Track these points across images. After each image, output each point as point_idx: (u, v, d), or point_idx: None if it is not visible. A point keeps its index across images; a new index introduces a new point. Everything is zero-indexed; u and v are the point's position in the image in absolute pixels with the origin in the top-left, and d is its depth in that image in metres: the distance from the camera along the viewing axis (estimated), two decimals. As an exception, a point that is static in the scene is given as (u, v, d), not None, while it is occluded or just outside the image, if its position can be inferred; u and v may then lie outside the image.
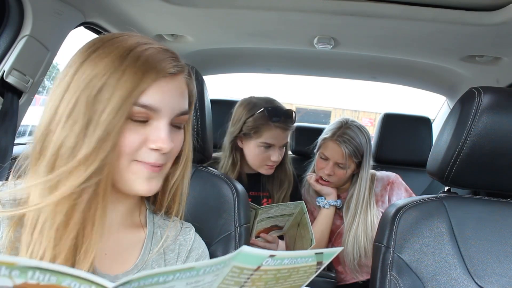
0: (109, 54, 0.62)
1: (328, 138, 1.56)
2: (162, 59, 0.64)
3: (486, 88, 0.95)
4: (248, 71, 2.53)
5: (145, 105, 0.62)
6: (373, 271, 1.00)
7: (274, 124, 1.43)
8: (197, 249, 0.80)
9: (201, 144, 1.01)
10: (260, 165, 1.48)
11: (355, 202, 1.55)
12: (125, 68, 0.60)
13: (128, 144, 0.62)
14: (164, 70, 0.63)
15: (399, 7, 1.31)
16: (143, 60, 0.61)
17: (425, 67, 1.91)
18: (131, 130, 0.62)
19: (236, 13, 1.48)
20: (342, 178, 1.57)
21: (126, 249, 0.72)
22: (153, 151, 0.64)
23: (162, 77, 0.63)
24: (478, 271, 0.93)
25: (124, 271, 0.70)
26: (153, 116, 0.63)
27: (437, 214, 0.99)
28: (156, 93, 0.62)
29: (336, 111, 21.81)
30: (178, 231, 0.79)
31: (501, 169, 0.95)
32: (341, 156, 1.53)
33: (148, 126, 0.64)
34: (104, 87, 0.60)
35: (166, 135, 0.64)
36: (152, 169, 0.65)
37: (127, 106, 0.60)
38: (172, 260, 0.76)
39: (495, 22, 1.28)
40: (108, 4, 1.38)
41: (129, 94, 0.60)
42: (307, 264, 0.44)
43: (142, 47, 0.63)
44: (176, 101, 0.66)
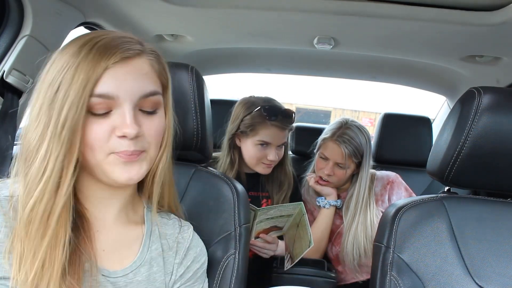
0: (70, 50, 0.62)
1: (328, 138, 1.56)
2: (114, 45, 0.62)
3: (486, 88, 0.95)
4: (248, 71, 2.52)
5: (101, 95, 0.61)
6: (373, 271, 1.00)
7: (270, 123, 1.43)
8: (195, 247, 0.80)
9: (201, 144, 1.01)
10: (257, 164, 1.47)
11: (355, 201, 1.55)
12: (79, 62, 0.60)
13: (96, 138, 0.62)
14: (115, 56, 0.62)
15: (399, 7, 1.31)
16: (94, 51, 0.61)
17: (425, 67, 1.91)
18: (95, 123, 0.62)
19: (236, 13, 1.48)
20: (342, 178, 1.57)
21: (124, 246, 0.72)
22: (122, 139, 0.63)
23: (115, 63, 0.62)
24: (478, 271, 0.93)
25: (123, 268, 0.70)
26: (114, 105, 0.63)
27: (437, 214, 0.99)
28: (110, 80, 0.61)
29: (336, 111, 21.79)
30: (177, 229, 0.79)
31: (501, 169, 0.95)
32: (341, 156, 1.53)
33: (112, 116, 0.63)
34: (61, 84, 0.60)
35: (130, 120, 0.62)
36: (128, 158, 0.64)
37: (83, 99, 0.60)
38: (171, 258, 0.76)
39: (495, 22, 1.28)
40: (108, 4, 1.38)
41: (84, 87, 0.59)
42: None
43: (97, 39, 0.62)
44: (136, 84, 0.64)
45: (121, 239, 0.72)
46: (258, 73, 2.60)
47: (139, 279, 0.71)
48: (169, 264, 0.76)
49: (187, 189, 1.00)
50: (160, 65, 0.70)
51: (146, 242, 0.74)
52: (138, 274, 0.71)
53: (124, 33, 0.67)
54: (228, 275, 0.92)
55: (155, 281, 0.73)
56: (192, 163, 1.06)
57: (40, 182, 0.60)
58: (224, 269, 0.92)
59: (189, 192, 1.00)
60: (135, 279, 0.71)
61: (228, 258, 0.94)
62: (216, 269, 0.92)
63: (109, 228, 0.72)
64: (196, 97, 0.98)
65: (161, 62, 0.70)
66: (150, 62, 0.67)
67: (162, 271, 0.74)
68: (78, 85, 0.59)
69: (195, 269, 0.79)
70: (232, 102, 1.60)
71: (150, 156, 0.68)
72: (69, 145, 0.60)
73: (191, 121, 0.97)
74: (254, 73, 2.60)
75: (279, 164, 1.55)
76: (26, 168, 0.61)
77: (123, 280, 0.70)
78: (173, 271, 0.76)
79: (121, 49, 0.63)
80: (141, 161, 0.66)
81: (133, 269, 0.71)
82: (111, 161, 0.64)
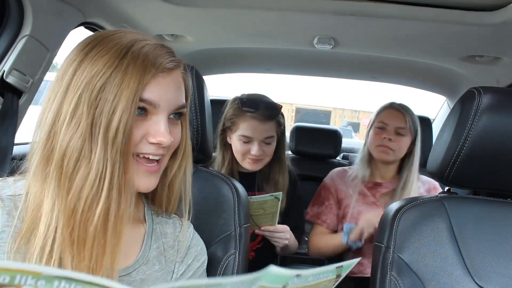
0: (107, 52, 0.62)
1: (386, 107, 1.61)
2: (160, 55, 0.65)
3: (486, 88, 0.95)
4: (248, 71, 2.53)
5: (145, 100, 0.63)
6: (373, 271, 1.00)
7: (249, 115, 1.39)
8: (195, 246, 0.80)
9: (201, 144, 1.01)
10: (243, 159, 1.44)
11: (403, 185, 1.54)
12: (126, 66, 0.61)
13: (132, 139, 0.63)
14: (161, 66, 0.64)
15: (399, 7, 1.31)
16: (142, 57, 0.62)
17: (425, 67, 1.91)
18: (137, 119, 0.63)
19: (236, 13, 1.48)
20: (402, 149, 1.56)
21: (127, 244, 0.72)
22: (152, 145, 0.65)
23: (160, 73, 0.64)
24: (478, 271, 0.93)
25: (125, 266, 0.71)
26: (153, 111, 0.64)
27: (437, 214, 0.99)
28: (155, 88, 0.63)
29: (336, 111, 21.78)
30: (177, 228, 0.79)
31: (501, 169, 0.95)
32: (401, 119, 1.55)
33: (148, 121, 0.65)
34: (106, 86, 0.60)
35: (166, 129, 0.65)
36: (150, 169, 0.66)
37: (135, 103, 0.61)
38: (172, 256, 0.76)
39: (495, 22, 1.28)
40: (108, 4, 1.38)
41: (135, 92, 0.61)
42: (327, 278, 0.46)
43: (140, 44, 0.64)
44: (174, 95, 0.67)
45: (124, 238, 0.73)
46: (258, 73, 2.60)
47: (141, 278, 0.71)
48: (171, 263, 0.76)
49: (187, 189, 1.00)
50: (187, 78, 0.73)
51: (148, 240, 0.75)
52: (140, 272, 0.72)
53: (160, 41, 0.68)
54: (228, 275, 0.92)
55: (156, 280, 0.73)
56: (192, 163, 1.06)
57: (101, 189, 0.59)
58: (224, 269, 0.93)
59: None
60: (138, 278, 0.71)
61: (228, 258, 0.94)
62: (216, 269, 0.92)
63: None
64: (196, 97, 0.98)
65: (187, 74, 0.73)
66: (183, 75, 0.70)
67: (164, 270, 0.75)
68: (130, 89, 0.60)
69: (196, 268, 0.79)
70: (233, 102, 1.59)
71: (164, 164, 0.71)
72: (125, 151, 0.61)
73: (191, 121, 0.97)
74: (254, 73, 2.60)
75: (275, 163, 1.51)
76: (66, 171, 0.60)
77: (126, 278, 0.70)
78: (174, 269, 0.76)
79: (167, 58, 0.65)
80: (160, 171, 0.69)
81: (135, 268, 0.71)
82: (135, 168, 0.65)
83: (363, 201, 1.61)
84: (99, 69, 0.61)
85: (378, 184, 1.63)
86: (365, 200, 1.61)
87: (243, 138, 1.41)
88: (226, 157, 1.49)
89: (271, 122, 1.41)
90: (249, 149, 1.41)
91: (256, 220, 1.38)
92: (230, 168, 1.49)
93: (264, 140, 1.41)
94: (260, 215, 1.37)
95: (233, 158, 1.49)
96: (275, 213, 1.36)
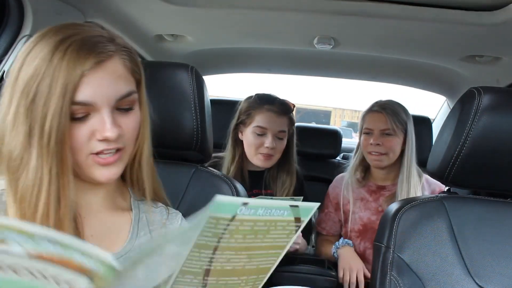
0: (41, 51, 0.60)
1: (367, 112, 1.59)
2: (87, 49, 0.61)
3: (486, 88, 0.95)
4: (248, 71, 2.52)
5: (80, 102, 0.61)
6: (373, 271, 1.00)
7: (266, 107, 1.47)
8: None
9: (201, 144, 1.01)
10: (255, 154, 1.48)
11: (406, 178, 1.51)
12: (54, 69, 0.59)
13: (78, 142, 0.63)
14: (88, 63, 0.61)
15: (399, 7, 1.31)
16: (68, 57, 0.60)
17: (425, 67, 1.91)
18: (75, 128, 0.62)
19: (236, 13, 1.48)
20: (395, 149, 1.52)
21: (113, 232, 0.74)
22: (102, 141, 0.64)
23: (89, 70, 0.61)
24: (478, 271, 0.93)
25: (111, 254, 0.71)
26: (92, 110, 0.63)
27: (437, 214, 0.99)
28: (87, 88, 0.61)
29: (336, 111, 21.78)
30: (164, 216, 0.80)
31: (501, 169, 0.95)
32: (383, 121, 1.52)
33: (91, 119, 0.63)
34: (39, 90, 0.59)
35: (110, 124, 0.63)
36: (106, 161, 0.65)
37: (65, 108, 0.59)
38: None
39: (495, 22, 1.28)
40: (108, 4, 1.38)
41: (63, 96, 0.59)
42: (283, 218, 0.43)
43: (66, 42, 0.61)
44: (112, 88, 0.64)
45: (109, 225, 0.74)
46: (258, 73, 2.59)
47: None
48: None
49: (187, 189, 1.01)
50: (133, 61, 0.69)
51: (135, 228, 0.75)
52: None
53: (95, 29, 0.66)
54: (228, 275, 0.92)
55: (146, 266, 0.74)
56: (192, 163, 1.06)
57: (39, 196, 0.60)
58: (224, 269, 0.92)
59: (189, 192, 1.00)
60: None
61: (228, 258, 0.94)
62: (216, 269, 0.92)
63: (95, 214, 0.73)
64: (196, 97, 0.98)
65: (133, 58, 0.69)
66: (123, 62, 0.66)
67: None
68: (58, 94, 0.59)
69: None
70: (233, 102, 1.60)
71: (128, 153, 0.70)
72: (60, 156, 0.60)
73: (191, 121, 0.97)
74: (254, 73, 2.60)
75: (283, 162, 1.55)
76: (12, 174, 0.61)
77: None
78: None
79: (94, 52, 0.62)
80: (118, 162, 0.68)
81: (122, 255, 0.72)
82: (90, 163, 0.65)
83: (364, 207, 1.59)
84: (34, 71, 0.60)
85: (382, 187, 1.61)
86: (367, 206, 1.59)
87: (257, 130, 1.47)
88: (236, 154, 1.52)
89: (285, 117, 1.50)
90: (262, 142, 1.46)
91: None
92: (240, 165, 1.51)
93: (277, 134, 1.48)
94: None
95: (243, 156, 1.52)
96: None
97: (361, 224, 1.57)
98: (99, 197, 0.74)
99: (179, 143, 0.98)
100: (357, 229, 1.58)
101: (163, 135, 0.98)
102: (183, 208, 0.97)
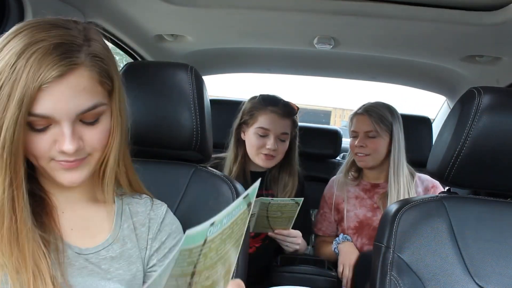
0: (8, 54, 0.58)
1: (353, 114, 1.61)
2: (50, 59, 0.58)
3: (486, 88, 0.95)
4: (248, 71, 2.52)
5: (38, 115, 0.59)
6: (373, 271, 1.00)
7: (270, 109, 1.46)
8: (170, 224, 0.81)
9: (201, 144, 1.01)
10: (256, 154, 1.48)
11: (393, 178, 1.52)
12: (14, 79, 0.57)
13: (38, 150, 0.62)
14: (47, 76, 0.58)
15: (399, 7, 1.31)
16: (28, 68, 0.57)
17: (425, 67, 1.91)
18: (35, 137, 0.62)
19: (236, 13, 1.48)
20: (379, 150, 1.55)
21: (94, 224, 0.74)
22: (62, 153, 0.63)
23: (49, 82, 0.58)
24: (478, 271, 0.93)
25: (95, 245, 0.72)
26: (52, 121, 0.61)
27: (437, 214, 0.99)
28: (45, 100, 0.59)
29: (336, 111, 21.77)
30: (148, 207, 0.80)
31: (501, 169, 0.95)
32: (367, 124, 1.55)
33: (52, 129, 0.62)
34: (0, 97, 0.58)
35: (69, 138, 0.61)
36: (68, 165, 0.64)
37: (21, 119, 0.58)
38: (144, 234, 0.77)
39: (495, 22, 1.28)
40: (108, 4, 1.38)
41: (20, 107, 0.58)
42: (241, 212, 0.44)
43: (30, 50, 0.58)
44: (72, 103, 0.61)
45: (89, 218, 0.74)
46: (258, 73, 2.60)
47: (112, 255, 0.73)
48: (143, 240, 0.77)
49: (186, 189, 1.00)
50: (103, 72, 0.64)
51: (118, 220, 0.76)
52: (110, 250, 0.73)
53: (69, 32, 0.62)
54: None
55: (130, 257, 0.74)
56: (191, 163, 1.06)
57: None
58: (224, 269, 0.92)
59: (188, 192, 1.00)
60: (108, 255, 0.72)
61: (228, 258, 0.93)
62: (216, 269, 0.92)
63: (74, 208, 0.73)
64: (195, 97, 0.98)
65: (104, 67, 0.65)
66: (89, 74, 0.62)
67: (136, 247, 0.76)
68: (15, 105, 0.57)
69: (171, 246, 0.79)
70: (233, 102, 1.60)
71: (95, 158, 0.68)
72: (13, 167, 0.60)
73: (191, 121, 0.97)
74: (254, 73, 2.60)
75: (285, 164, 1.55)
76: None
77: (95, 256, 0.71)
78: (147, 246, 0.77)
79: (57, 64, 0.58)
80: (83, 166, 0.67)
81: (105, 246, 0.73)
82: (53, 167, 0.65)
83: (360, 204, 1.62)
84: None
85: (375, 185, 1.63)
86: (362, 203, 1.61)
87: (260, 131, 1.46)
88: (238, 154, 1.52)
89: (289, 119, 1.50)
90: (264, 143, 1.46)
91: (272, 223, 1.39)
92: (242, 165, 1.51)
93: (279, 136, 1.47)
94: (277, 217, 1.37)
95: (245, 156, 1.52)
96: (292, 217, 1.38)
97: (357, 221, 1.59)
98: (76, 192, 0.74)
99: (179, 143, 0.98)
100: (353, 226, 1.59)
101: (163, 135, 0.98)
102: (182, 208, 0.97)
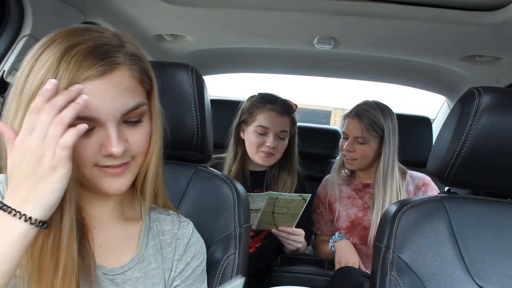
0: (47, 61, 0.58)
1: (346, 116, 1.58)
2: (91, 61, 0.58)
3: (486, 88, 0.95)
4: (248, 71, 2.53)
5: (84, 117, 0.58)
6: (373, 271, 1.00)
7: (268, 107, 1.47)
8: (195, 244, 0.80)
9: (201, 144, 1.01)
10: (256, 152, 1.48)
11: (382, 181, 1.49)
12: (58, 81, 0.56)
13: (83, 156, 0.60)
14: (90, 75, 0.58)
15: (399, 7, 1.31)
16: (70, 69, 0.57)
17: (425, 67, 1.91)
18: (81, 142, 0.59)
19: (236, 13, 1.48)
20: (366, 155, 1.53)
21: (122, 243, 0.73)
22: (108, 157, 0.62)
23: (91, 81, 0.58)
24: (478, 271, 0.93)
25: (121, 265, 0.71)
26: (97, 123, 0.60)
27: (437, 214, 0.99)
28: (90, 102, 0.57)
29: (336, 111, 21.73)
30: (176, 225, 0.79)
31: (501, 169, 0.95)
32: (357, 129, 1.52)
33: (96, 133, 0.61)
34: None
35: (116, 140, 0.60)
36: (114, 172, 0.63)
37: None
38: (169, 254, 0.76)
39: (495, 22, 1.28)
40: (108, 4, 1.38)
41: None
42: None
43: (72, 52, 0.58)
44: (117, 102, 0.61)
45: (118, 236, 0.72)
46: (258, 73, 2.60)
47: (137, 276, 0.71)
48: (168, 260, 0.76)
49: (187, 189, 1.00)
50: (142, 71, 0.65)
51: (144, 239, 0.74)
52: (136, 271, 0.71)
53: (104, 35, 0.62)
54: (228, 275, 0.92)
55: (153, 278, 0.73)
56: (192, 163, 1.06)
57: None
58: (224, 269, 0.92)
59: (189, 192, 1.00)
60: (133, 276, 0.71)
61: (228, 258, 0.94)
62: (216, 269, 0.92)
63: (105, 225, 0.72)
64: (196, 97, 0.98)
65: (143, 66, 0.66)
66: (130, 72, 0.63)
67: (160, 268, 0.74)
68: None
69: (195, 267, 0.78)
70: (233, 102, 1.60)
71: (137, 163, 0.67)
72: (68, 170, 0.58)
73: (191, 121, 0.97)
74: (254, 73, 2.60)
75: (285, 162, 1.55)
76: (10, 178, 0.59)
77: (121, 277, 0.70)
78: (172, 267, 0.75)
79: (96, 65, 0.58)
80: (127, 172, 0.66)
81: (131, 266, 0.71)
82: (97, 174, 0.63)
83: (352, 204, 1.61)
84: (40, 83, 0.57)
85: (366, 185, 1.63)
86: (354, 203, 1.62)
87: (259, 129, 1.47)
88: (238, 153, 1.53)
89: (288, 117, 1.50)
90: (263, 141, 1.46)
91: (277, 219, 1.39)
92: (241, 164, 1.52)
93: (278, 134, 1.48)
94: (283, 214, 1.37)
95: (245, 155, 1.52)
96: (298, 214, 1.38)
97: (349, 221, 1.59)
98: (108, 208, 0.72)
99: (179, 143, 0.98)
100: (345, 226, 1.59)
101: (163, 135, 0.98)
102: (183, 208, 0.97)
